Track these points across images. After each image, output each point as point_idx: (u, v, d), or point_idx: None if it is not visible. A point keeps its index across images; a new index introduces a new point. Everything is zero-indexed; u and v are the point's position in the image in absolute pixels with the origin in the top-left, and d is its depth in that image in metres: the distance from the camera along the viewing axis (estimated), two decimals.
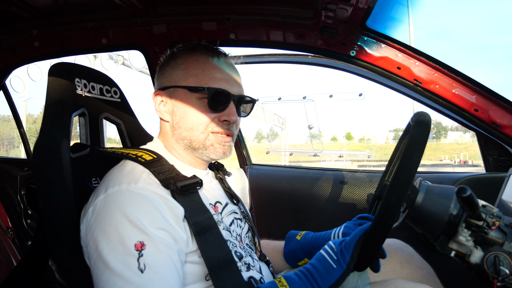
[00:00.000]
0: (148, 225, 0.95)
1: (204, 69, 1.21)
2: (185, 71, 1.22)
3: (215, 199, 1.24)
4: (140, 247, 0.92)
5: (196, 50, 1.25)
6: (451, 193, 1.01)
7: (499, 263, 0.89)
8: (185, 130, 1.22)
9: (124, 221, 0.95)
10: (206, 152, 1.23)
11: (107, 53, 12.20)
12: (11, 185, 2.45)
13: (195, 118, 1.20)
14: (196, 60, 1.23)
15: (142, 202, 0.99)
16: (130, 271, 0.90)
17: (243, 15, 1.67)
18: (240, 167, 2.82)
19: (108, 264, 0.91)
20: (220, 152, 1.24)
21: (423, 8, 66.64)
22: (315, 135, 10.34)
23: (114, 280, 0.89)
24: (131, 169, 1.10)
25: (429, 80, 1.59)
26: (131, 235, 0.93)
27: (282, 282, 1.03)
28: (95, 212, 1.01)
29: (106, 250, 0.93)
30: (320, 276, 1.03)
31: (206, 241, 1.05)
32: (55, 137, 1.17)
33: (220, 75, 1.21)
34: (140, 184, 1.03)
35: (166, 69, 1.27)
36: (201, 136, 1.21)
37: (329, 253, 1.08)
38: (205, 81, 1.19)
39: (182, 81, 1.22)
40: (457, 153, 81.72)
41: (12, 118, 2.60)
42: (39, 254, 1.30)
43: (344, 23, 1.55)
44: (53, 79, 1.29)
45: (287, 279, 1.04)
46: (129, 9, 1.65)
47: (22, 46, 1.96)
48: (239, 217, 1.32)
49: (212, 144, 1.22)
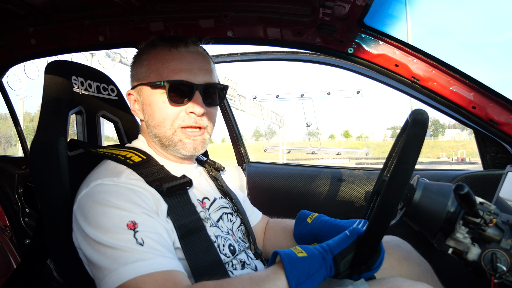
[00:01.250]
0: (135, 209, 0.96)
1: (164, 62, 1.17)
2: (147, 67, 1.20)
3: (202, 195, 1.24)
4: (132, 226, 0.92)
5: (158, 44, 1.21)
6: (448, 191, 1.01)
7: (496, 260, 0.89)
8: (154, 127, 1.20)
9: (110, 208, 0.95)
10: (176, 148, 1.20)
11: (104, 51, 12.16)
12: (9, 183, 2.44)
13: (160, 114, 1.18)
14: (157, 53, 1.20)
15: (125, 192, 1.00)
16: (131, 244, 0.90)
17: (240, 12, 1.67)
18: (238, 165, 2.82)
19: (106, 245, 0.91)
20: (190, 148, 1.20)
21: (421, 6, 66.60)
22: (313, 133, 10.36)
23: (118, 255, 0.89)
24: (114, 166, 1.11)
25: (427, 78, 1.60)
26: (121, 217, 0.93)
27: (297, 249, 0.98)
28: (79, 208, 1.01)
29: (100, 236, 0.92)
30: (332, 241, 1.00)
31: (192, 245, 1.05)
32: (52, 135, 1.17)
33: (180, 66, 1.17)
34: (122, 179, 1.04)
35: (133, 67, 1.26)
36: (169, 132, 1.18)
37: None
38: (165, 74, 1.16)
39: (145, 77, 1.20)
40: (454, 151, 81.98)
41: (9, 117, 2.58)
42: (38, 253, 1.30)
43: (342, 20, 1.54)
44: (50, 77, 1.28)
45: (301, 246, 0.99)
46: (126, 6, 1.64)
47: (18, 44, 1.95)
48: (230, 211, 1.31)
49: (181, 140, 1.19)
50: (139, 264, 0.87)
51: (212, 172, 1.43)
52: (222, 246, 1.16)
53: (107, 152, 1.18)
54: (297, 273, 0.91)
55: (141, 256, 0.88)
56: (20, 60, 2.10)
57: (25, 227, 2.41)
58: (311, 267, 0.93)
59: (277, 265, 0.95)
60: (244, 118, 21.06)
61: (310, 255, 0.95)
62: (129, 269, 0.86)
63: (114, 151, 1.18)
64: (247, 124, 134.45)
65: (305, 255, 0.94)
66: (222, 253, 1.14)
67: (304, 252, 0.95)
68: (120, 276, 0.86)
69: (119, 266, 0.87)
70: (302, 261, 0.93)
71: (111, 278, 0.87)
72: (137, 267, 0.87)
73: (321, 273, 0.93)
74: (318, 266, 0.93)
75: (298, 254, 0.94)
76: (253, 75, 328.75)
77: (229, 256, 1.16)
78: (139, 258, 0.88)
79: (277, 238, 1.49)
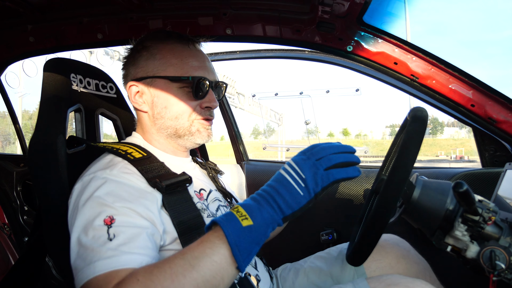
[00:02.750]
0: (118, 203, 0.95)
1: (182, 58, 1.23)
2: (162, 61, 1.23)
3: (199, 187, 1.25)
4: (109, 221, 0.91)
5: (169, 39, 1.26)
6: (447, 188, 1.01)
7: (495, 257, 0.89)
8: (169, 119, 1.23)
9: (93, 202, 0.95)
10: (192, 138, 1.26)
11: (102, 49, 12.15)
12: (7, 181, 2.44)
13: (179, 107, 1.22)
14: (171, 49, 1.24)
15: (113, 185, 0.99)
16: (100, 241, 0.88)
17: (239, 10, 1.66)
18: (237, 163, 2.82)
19: (80, 242, 0.90)
20: (206, 136, 1.28)
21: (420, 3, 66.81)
22: (311, 131, 10.37)
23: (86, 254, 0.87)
24: (109, 159, 1.11)
25: (426, 76, 1.59)
26: (100, 212, 0.92)
27: (240, 211, 0.85)
28: (71, 201, 1.02)
29: (77, 231, 0.92)
30: (282, 200, 0.85)
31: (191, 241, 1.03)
32: (51, 133, 1.17)
33: (198, 63, 1.24)
34: (114, 172, 1.04)
35: (140, 60, 1.26)
36: (186, 124, 1.24)
37: (292, 175, 0.88)
38: (185, 70, 1.21)
39: (160, 71, 1.22)
40: (453, 149, 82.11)
41: (8, 114, 2.58)
42: (37, 251, 1.30)
43: (341, 18, 1.54)
44: (49, 74, 1.28)
45: (244, 206, 0.86)
46: (125, 4, 1.63)
47: (17, 42, 1.94)
48: (224, 204, 1.32)
49: (198, 130, 1.26)
50: (99, 264, 0.85)
51: (212, 173, 1.44)
52: None
53: (107, 146, 1.18)
54: (245, 246, 0.82)
55: (105, 254, 0.86)
56: (19, 57, 2.09)
57: (24, 225, 2.41)
58: (259, 236, 0.84)
59: (215, 235, 0.83)
60: (243, 116, 21.11)
61: (257, 223, 0.83)
62: (90, 269, 0.85)
63: (115, 146, 1.19)
64: (246, 122, 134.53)
65: (251, 223, 0.83)
66: None
67: (249, 219, 0.83)
68: (83, 275, 0.85)
69: (85, 265, 0.86)
70: (248, 231, 0.82)
71: (78, 277, 0.87)
72: (97, 266, 0.84)
73: (269, 233, 0.86)
74: (266, 230, 0.84)
75: (242, 222, 0.83)
76: (252, 73, 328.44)
77: None
78: (103, 256, 0.85)
79: None
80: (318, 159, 0.89)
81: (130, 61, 1.29)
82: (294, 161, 0.91)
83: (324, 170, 0.88)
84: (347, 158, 0.90)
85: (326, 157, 0.89)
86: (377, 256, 1.38)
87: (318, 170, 0.88)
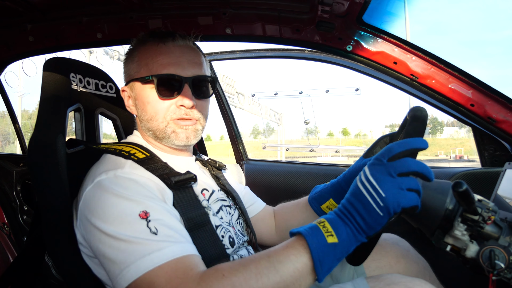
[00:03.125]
0: (144, 199, 0.96)
1: (152, 57, 1.19)
2: (138, 63, 1.22)
3: (201, 187, 1.25)
4: (144, 215, 0.93)
5: (148, 40, 1.24)
6: (447, 188, 1.01)
7: (495, 257, 0.89)
8: (146, 121, 1.22)
9: (119, 199, 0.95)
10: (169, 139, 1.22)
11: (102, 48, 12.14)
12: (7, 181, 2.44)
13: (152, 109, 1.20)
14: (146, 49, 1.22)
15: (131, 184, 1.00)
16: (145, 234, 0.90)
17: (239, 10, 1.66)
18: (236, 162, 2.82)
19: (120, 238, 0.91)
20: (183, 137, 1.21)
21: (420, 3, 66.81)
22: (311, 131, 10.37)
23: (132, 248, 0.89)
24: (115, 159, 1.12)
25: (426, 75, 1.60)
26: (131, 207, 0.94)
27: (326, 227, 0.85)
28: (86, 203, 1.01)
29: (113, 228, 0.92)
30: (365, 223, 0.83)
31: (199, 238, 1.05)
32: (50, 133, 1.17)
33: (169, 60, 1.18)
34: (126, 169, 1.05)
35: (125, 64, 1.28)
36: (161, 125, 1.20)
37: (371, 194, 0.83)
38: (154, 69, 1.18)
39: (136, 73, 1.22)
40: (452, 149, 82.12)
41: (7, 114, 2.58)
42: (35, 250, 1.30)
43: (341, 18, 1.54)
44: (48, 74, 1.28)
45: (331, 222, 0.86)
46: (124, 3, 1.63)
47: (16, 41, 1.94)
48: (228, 204, 1.32)
49: (174, 131, 1.20)
50: (156, 255, 0.87)
51: (214, 171, 1.43)
52: (221, 237, 1.16)
53: (109, 148, 1.18)
54: (328, 262, 0.83)
55: (157, 246, 0.88)
56: (18, 57, 2.09)
57: (23, 224, 2.41)
58: (342, 253, 0.85)
59: (299, 244, 0.85)
60: (243, 116, 21.14)
61: (342, 241, 0.84)
62: (146, 261, 0.87)
63: (117, 147, 1.19)
64: (246, 122, 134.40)
65: (336, 241, 0.83)
66: None
67: (334, 236, 0.83)
68: (138, 268, 0.86)
69: (136, 259, 0.87)
70: (333, 248, 0.83)
71: (129, 271, 0.87)
72: (154, 257, 0.87)
73: (351, 250, 0.87)
74: (349, 248, 0.85)
75: (327, 238, 0.83)
76: (252, 73, 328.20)
77: (228, 248, 1.17)
78: (155, 248, 0.88)
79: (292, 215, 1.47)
80: (400, 174, 0.83)
81: (123, 66, 1.31)
82: (371, 174, 0.84)
83: (407, 191, 0.83)
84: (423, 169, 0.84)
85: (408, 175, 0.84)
86: (377, 256, 1.38)
87: (402, 191, 0.82)
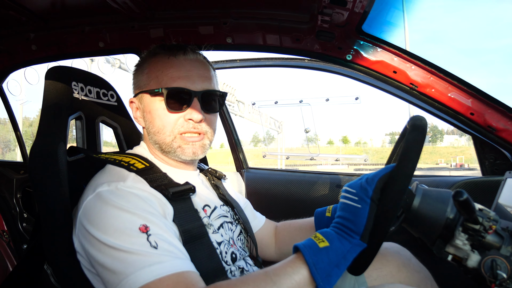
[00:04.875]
0: (145, 213, 0.96)
1: (163, 70, 1.20)
2: (148, 75, 1.23)
3: (203, 203, 1.24)
4: (144, 229, 0.93)
5: (159, 52, 1.24)
6: (447, 197, 1.01)
7: (496, 267, 0.89)
8: (154, 134, 1.22)
9: (120, 212, 0.95)
10: (176, 154, 1.21)
11: (103, 57, 12.19)
12: (7, 188, 2.43)
13: (160, 121, 1.20)
14: (156, 62, 1.22)
15: (132, 197, 1.00)
16: (145, 247, 0.90)
17: (239, 19, 1.68)
18: (236, 170, 2.82)
19: (120, 249, 0.90)
20: (190, 153, 1.21)
21: (418, 12, 67.14)
22: (311, 139, 10.35)
23: (133, 259, 0.89)
24: (118, 171, 1.11)
25: (425, 84, 1.60)
26: (132, 221, 0.94)
27: (317, 236, 0.92)
28: (85, 213, 1.00)
29: (112, 240, 0.92)
30: (350, 223, 0.92)
31: (195, 250, 1.04)
32: (52, 141, 1.17)
33: (179, 73, 1.19)
34: (128, 183, 1.04)
35: (134, 76, 1.29)
36: (168, 139, 1.20)
37: (348, 197, 0.96)
38: (164, 82, 1.18)
39: (146, 85, 1.22)
40: (453, 157, 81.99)
41: (8, 121, 2.59)
42: (35, 258, 1.29)
43: (340, 27, 1.55)
44: (50, 82, 1.29)
45: (321, 232, 0.94)
46: (126, 13, 1.65)
47: (19, 50, 1.96)
48: (229, 220, 1.32)
49: (180, 146, 1.20)
50: (157, 267, 0.87)
51: (214, 180, 1.43)
52: (224, 253, 1.16)
53: (109, 158, 1.18)
54: (323, 266, 0.87)
55: (158, 259, 0.88)
56: (21, 65, 2.10)
57: (23, 232, 2.40)
58: (338, 257, 0.88)
59: (296, 257, 0.91)
60: (243, 124, 21.13)
61: (334, 245, 0.89)
62: (146, 272, 0.86)
63: (117, 157, 1.19)
64: (246, 130, 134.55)
65: (327, 244, 0.89)
66: (223, 260, 1.13)
67: (325, 241, 0.90)
68: (138, 279, 0.86)
69: (136, 269, 0.87)
70: (325, 252, 0.88)
71: (128, 282, 0.87)
72: (154, 270, 0.87)
73: (349, 256, 0.90)
74: (344, 252, 0.89)
75: (319, 243, 0.90)
76: (252, 81, 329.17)
77: (229, 264, 1.16)
78: (156, 261, 0.88)
79: (293, 239, 1.46)
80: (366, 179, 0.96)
81: (132, 79, 1.32)
82: (347, 185, 0.99)
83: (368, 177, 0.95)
84: None
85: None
86: (378, 265, 1.37)
87: (362, 180, 0.96)
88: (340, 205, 0.98)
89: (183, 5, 1.67)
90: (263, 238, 1.52)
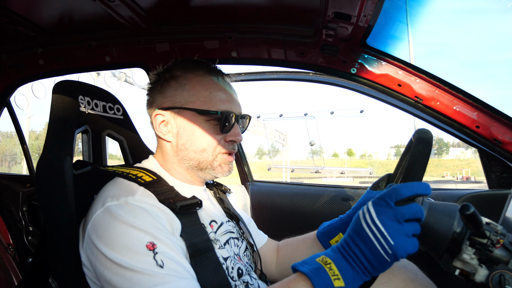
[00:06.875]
0: (153, 230, 0.96)
1: (211, 91, 1.22)
2: (191, 92, 1.22)
3: (210, 218, 1.23)
4: (151, 246, 0.93)
5: (198, 70, 1.25)
6: (454, 211, 1.00)
7: (505, 281, 0.88)
8: (193, 151, 1.22)
9: (128, 228, 0.95)
10: (213, 172, 1.25)
11: (110, 71, 12.33)
12: (13, 201, 2.44)
13: (205, 140, 1.21)
14: (200, 81, 1.24)
15: (141, 213, 0.99)
16: (151, 267, 0.90)
17: (244, 34, 1.70)
18: (241, 183, 2.81)
19: (126, 267, 0.90)
20: (226, 171, 1.27)
21: (422, 26, 67.59)
22: (316, 152, 10.32)
23: (138, 278, 0.89)
24: (126, 184, 1.11)
25: (430, 97, 1.60)
26: (139, 238, 0.93)
27: (333, 270, 0.86)
28: (94, 227, 1.00)
29: (119, 257, 0.92)
30: (369, 264, 0.87)
31: (201, 264, 1.04)
32: (58, 154, 1.18)
33: (226, 96, 1.24)
34: (137, 197, 1.04)
35: (168, 89, 1.25)
36: (210, 158, 1.23)
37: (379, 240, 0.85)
38: (213, 103, 1.21)
39: (189, 103, 1.22)
40: (459, 170, 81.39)
41: (15, 135, 2.62)
42: (40, 272, 1.29)
43: (345, 41, 1.57)
44: (57, 96, 1.30)
45: (337, 264, 0.88)
46: (132, 28, 1.67)
47: (27, 64, 1.99)
48: (236, 236, 1.31)
49: (220, 165, 1.25)
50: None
51: (219, 194, 1.43)
52: (230, 269, 1.15)
53: (117, 171, 1.18)
54: None
55: (163, 280, 0.88)
56: (28, 79, 2.13)
57: (28, 245, 2.40)
58: None
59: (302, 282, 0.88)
60: (248, 137, 21.02)
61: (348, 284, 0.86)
62: None
63: (125, 170, 1.19)
64: (251, 143, 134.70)
65: (342, 285, 0.85)
66: (229, 276, 1.13)
67: (341, 280, 0.85)
68: None
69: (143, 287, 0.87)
70: None
71: None
72: None
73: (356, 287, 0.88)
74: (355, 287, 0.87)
75: (334, 282, 0.85)
76: (257, 95, 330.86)
77: (235, 280, 1.15)
78: (161, 281, 0.88)
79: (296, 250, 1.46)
80: (406, 220, 0.87)
81: (157, 88, 1.27)
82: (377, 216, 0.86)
83: (413, 236, 0.88)
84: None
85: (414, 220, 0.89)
86: (384, 279, 1.35)
87: (409, 238, 0.87)
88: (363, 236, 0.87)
89: (189, 19, 1.69)
90: (264, 255, 1.51)
